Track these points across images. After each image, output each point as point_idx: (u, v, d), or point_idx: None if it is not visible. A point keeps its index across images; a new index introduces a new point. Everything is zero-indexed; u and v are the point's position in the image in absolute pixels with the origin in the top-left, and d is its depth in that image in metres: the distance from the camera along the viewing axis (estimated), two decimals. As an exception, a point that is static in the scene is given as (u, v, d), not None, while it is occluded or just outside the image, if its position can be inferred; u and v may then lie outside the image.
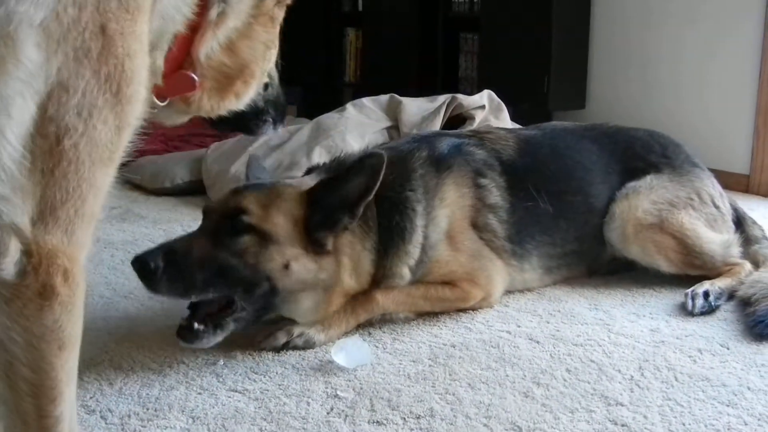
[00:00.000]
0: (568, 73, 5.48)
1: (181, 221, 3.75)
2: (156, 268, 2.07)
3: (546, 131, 2.95)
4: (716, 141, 4.70)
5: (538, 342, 2.33)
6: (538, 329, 2.42)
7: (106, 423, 1.88)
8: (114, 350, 2.27)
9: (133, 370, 2.15)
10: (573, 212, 2.77)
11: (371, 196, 2.28)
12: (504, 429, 1.83)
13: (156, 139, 4.94)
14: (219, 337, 2.18)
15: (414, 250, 2.46)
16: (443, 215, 2.54)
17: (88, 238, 1.14)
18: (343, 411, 1.92)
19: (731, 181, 4.32)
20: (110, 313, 2.54)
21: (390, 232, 2.43)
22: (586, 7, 5.50)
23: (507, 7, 5.68)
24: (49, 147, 1.05)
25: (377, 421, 1.87)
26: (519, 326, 2.45)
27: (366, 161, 2.26)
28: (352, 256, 2.34)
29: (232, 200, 2.28)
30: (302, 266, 2.23)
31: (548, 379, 2.08)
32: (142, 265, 2.08)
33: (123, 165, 1.32)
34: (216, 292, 2.16)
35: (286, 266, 2.20)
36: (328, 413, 1.92)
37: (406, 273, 2.46)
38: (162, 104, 1.53)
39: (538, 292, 2.74)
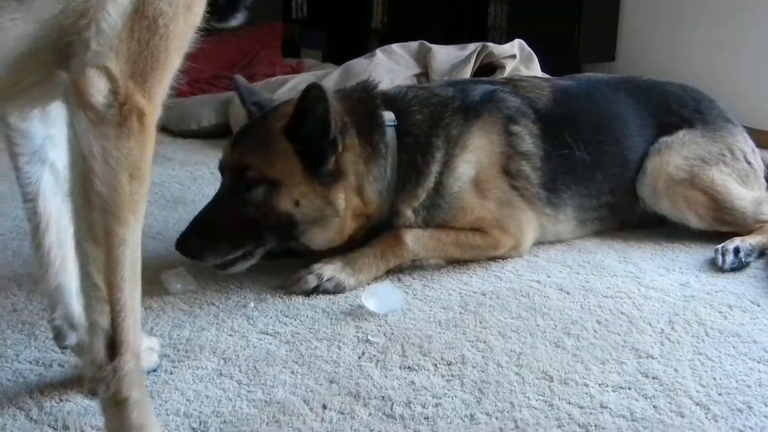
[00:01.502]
0: (598, 25, 5.40)
1: (208, 164, 3.75)
2: (198, 246, 2.27)
3: (582, 82, 2.92)
4: (749, 97, 4.61)
5: (568, 293, 2.32)
6: (568, 280, 2.42)
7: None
8: (144, 291, 2.21)
9: (163, 311, 2.16)
10: (608, 164, 2.74)
11: (334, 121, 2.29)
12: (535, 378, 1.83)
13: (182, 81, 4.91)
14: (251, 261, 2.32)
15: (421, 194, 2.47)
16: (466, 162, 2.53)
17: (160, 107, 1.40)
18: (374, 356, 1.93)
19: (764, 139, 4.24)
20: (140, 253, 2.54)
21: (408, 169, 2.46)
22: (619, -43, 5.41)
23: (539, -46, 5.58)
24: (147, 24, 1.33)
25: (408, 367, 1.88)
26: (549, 276, 2.44)
27: (308, 97, 2.27)
28: (356, 175, 2.38)
29: (234, 157, 2.37)
30: (311, 201, 2.31)
31: (579, 330, 2.08)
32: (184, 247, 2.27)
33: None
34: (253, 242, 2.30)
35: (297, 203, 2.30)
36: (359, 357, 1.92)
37: (409, 215, 2.47)
38: None
39: (567, 244, 2.73)
